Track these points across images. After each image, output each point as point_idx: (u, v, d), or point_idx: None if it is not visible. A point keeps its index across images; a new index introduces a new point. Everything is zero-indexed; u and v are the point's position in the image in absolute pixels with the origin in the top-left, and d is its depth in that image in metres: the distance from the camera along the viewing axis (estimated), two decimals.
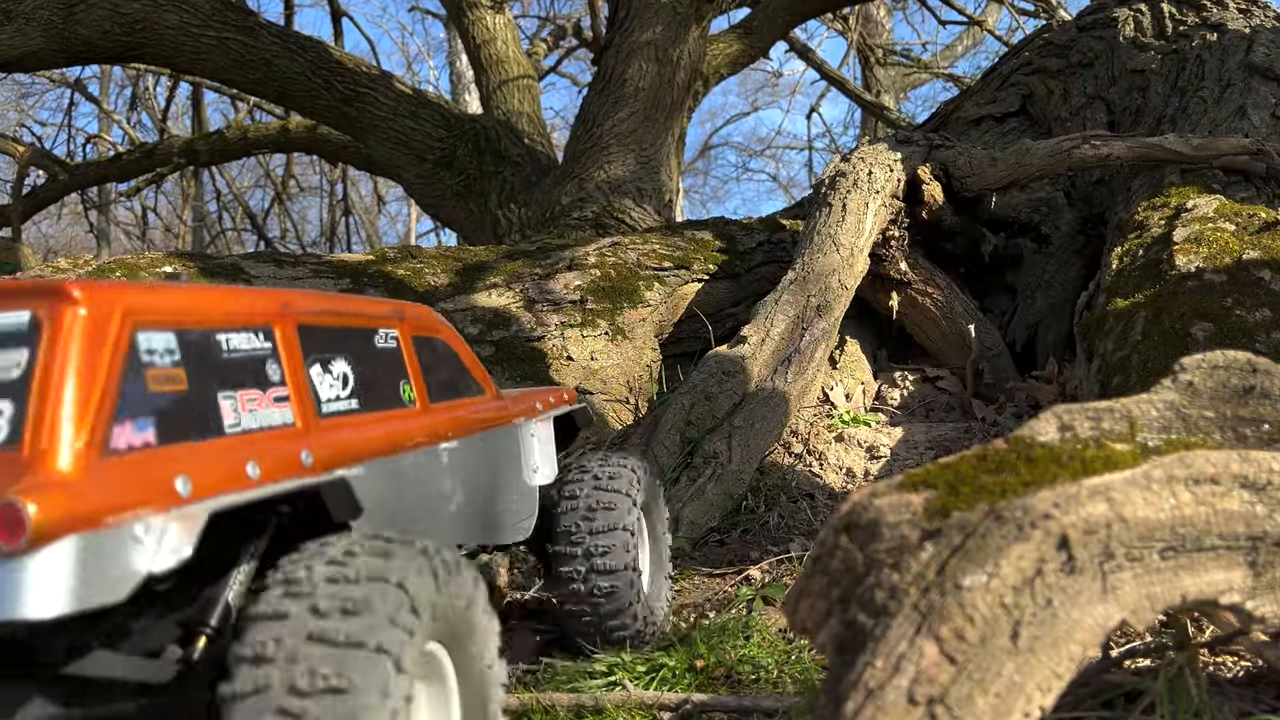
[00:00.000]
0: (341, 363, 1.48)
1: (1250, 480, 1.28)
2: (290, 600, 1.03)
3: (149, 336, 1.11)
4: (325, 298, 1.58)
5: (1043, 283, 3.70)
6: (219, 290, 1.31)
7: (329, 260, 3.31)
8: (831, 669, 1.13)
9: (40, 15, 4.43)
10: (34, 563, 0.89)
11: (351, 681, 0.98)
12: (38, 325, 1.01)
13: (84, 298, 1.03)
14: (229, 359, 1.24)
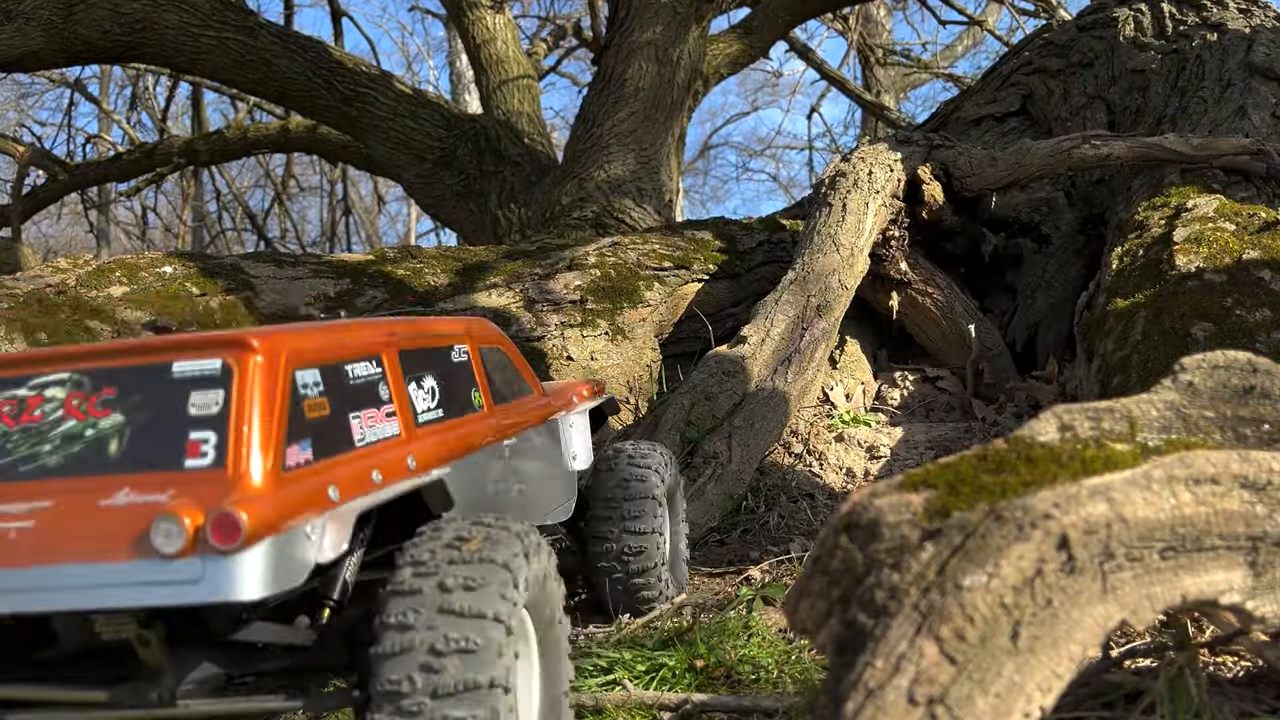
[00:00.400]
0: (430, 378, 1.69)
1: (1250, 480, 1.28)
2: (421, 579, 1.26)
3: (303, 374, 1.34)
4: (415, 323, 1.77)
5: (1043, 283, 3.69)
6: (342, 328, 1.53)
7: (329, 260, 3.30)
8: (831, 669, 1.13)
9: (40, 15, 4.42)
10: (245, 558, 1.13)
11: (475, 643, 1.22)
12: (229, 371, 1.24)
13: (260, 347, 1.26)
14: (353, 385, 1.47)
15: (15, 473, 1.24)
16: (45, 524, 1.17)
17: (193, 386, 1.24)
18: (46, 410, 1.26)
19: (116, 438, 1.23)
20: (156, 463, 1.21)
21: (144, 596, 1.13)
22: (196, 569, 1.12)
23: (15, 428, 1.26)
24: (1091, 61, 4.07)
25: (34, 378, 1.29)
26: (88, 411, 1.25)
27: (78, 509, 1.18)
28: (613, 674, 1.88)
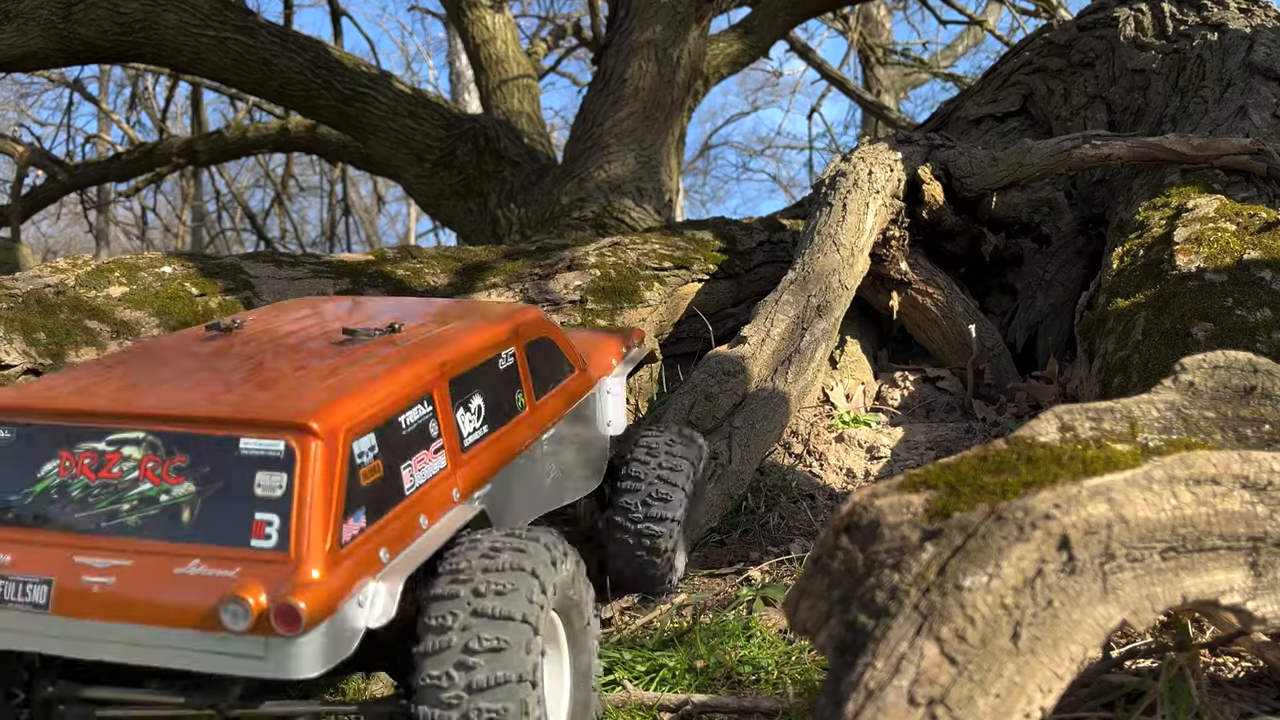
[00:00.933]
0: (477, 396, 1.72)
1: (1251, 481, 1.28)
2: (457, 585, 1.38)
3: (359, 443, 1.38)
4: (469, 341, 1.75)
5: (1043, 283, 3.69)
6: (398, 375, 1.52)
7: (329, 260, 3.30)
8: (832, 670, 1.13)
9: (39, 15, 4.42)
10: (304, 642, 1.23)
11: (506, 642, 1.33)
12: (292, 454, 1.29)
13: (321, 430, 1.31)
14: (405, 434, 1.50)
15: (98, 527, 1.32)
16: (125, 582, 1.27)
17: (258, 466, 1.30)
18: (124, 469, 1.33)
19: (189, 508, 1.31)
20: (225, 538, 1.29)
21: (214, 664, 1.25)
22: (260, 647, 1.23)
23: (96, 481, 1.33)
24: (1092, 61, 4.07)
25: (112, 432, 1.35)
26: (162, 476, 1.32)
27: (154, 573, 1.27)
28: (612, 674, 1.88)
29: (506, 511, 1.77)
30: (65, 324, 2.36)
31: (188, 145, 7.38)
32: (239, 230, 12.67)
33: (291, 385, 1.43)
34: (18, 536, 1.33)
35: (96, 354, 2.36)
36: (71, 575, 1.28)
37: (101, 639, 1.27)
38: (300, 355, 1.58)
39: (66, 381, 1.49)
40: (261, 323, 1.82)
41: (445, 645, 1.33)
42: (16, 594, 1.28)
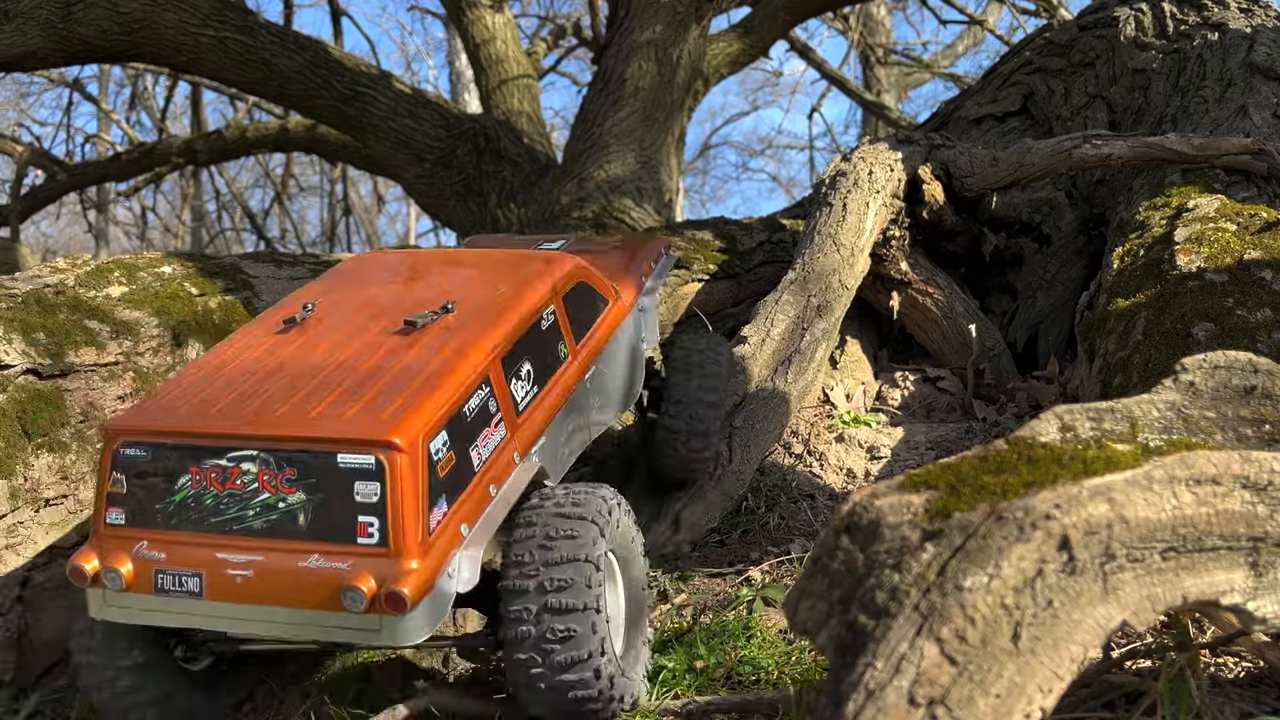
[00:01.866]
0: (526, 363, 1.88)
1: (1251, 481, 1.28)
2: (532, 537, 1.64)
3: (434, 443, 1.58)
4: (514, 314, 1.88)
5: (1044, 283, 3.69)
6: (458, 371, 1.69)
7: (329, 260, 3.30)
8: (832, 670, 1.13)
9: (39, 15, 4.42)
10: (409, 619, 1.50)
11: (572, 578, 1.60)
12: (382, 467, 1.52)
13: (403, 443, 1.52)
14: (470, 420, 1.69)
15: (231, 529, 1.56)
16: (260, 574, 1.54)
17: (356, 476, 1.52)
18: (245, 481, 1.56)
19: (302, 512, 1.54)
20: (336, 536, 1.53)
21: (339, 636, 1.56)
22: (375, 623, 1.52)
23: (224, 492, 1.56)
24: (1092, 61, 4.07)
25: (230, 450, 1.56)
26: (277, 487, 1.55)
27: (283, 566, 1.53)
28: None
29: (560, 451, 1.99)
30: (65, 324, 2.36)
31: (187, 145, 7.38)
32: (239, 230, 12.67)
33: (371, 395, 1.62)
34: (168, 538, 1.58)
35: (96, 354, 2.36)
36: (217, 569, 1.55)
37: (247, 618, 1.57)
38: (370, 353, 1.74)
39: (180, 397, 1.67)
40: (328, 306, 1.95)
41: (525, 586, 1.60)
42: (175, 584, 1.56)
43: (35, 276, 2.56)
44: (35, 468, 2.12)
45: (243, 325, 1.96)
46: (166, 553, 1.57)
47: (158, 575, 1.57)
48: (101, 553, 1.59)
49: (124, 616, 1.61)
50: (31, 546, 2.08)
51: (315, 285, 2.07)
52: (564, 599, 1.59)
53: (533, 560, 1.61)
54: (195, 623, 1.60)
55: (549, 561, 1.61)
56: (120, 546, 1.58)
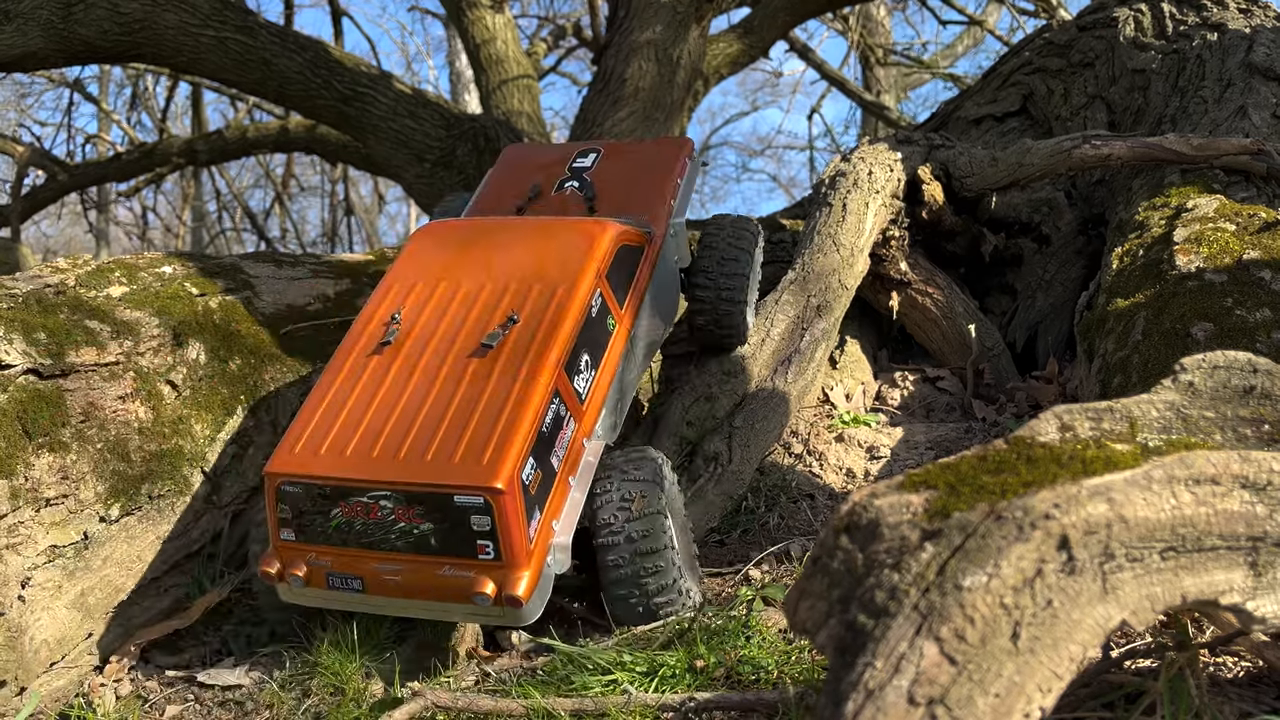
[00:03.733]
0: (583, 354, 2.14)
1: (1251, 481, 1.28)
2: (612, 489, 2.08)
3: (524, 471, 1.90)
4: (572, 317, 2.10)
5: (1043, 283, 3.69)
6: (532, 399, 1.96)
7: (329, 260, 3.31)
8: (831, 670, 1.13)
9: (39, 15, 4.42)
10: (525, 608, 1.89)
11: (650, 529, 2.05)
12: (489, 504, 1.84)
13: (504, 485, 1.84)
14: (547, 433, 1.99)
15: (379, 546, 1.92)
16: (408, 579, 1.92)
17: (469, 510, 1.86)
18: (383, 514, 1.90)
19: (434, 536, 1.89)
20: (460, 553, 1.89)
21: (480, 618, 1.96)
22: (500, 612, 1.91)
23: (370, 520, 1.91)
24: (1092, 61, 4.07)
25: (368, 492, 1.90)
26: (409, 519, 1.89)
27: (424, 574, 1.91)
28: (612, 675, 1.88)
29: (618, 405, 2.30)
30: (65, 324, 2.36)
31: (188, 145, 7.38)
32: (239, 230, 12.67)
33: (471, 435, 1.92)
34: (331, 551, 1.95)
35: (97, 354, 2.36)
36: (374, 575, 1.93)
37: (403, 608, 1.97)
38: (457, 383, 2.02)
39: (318, 437, 1.97)
40: (411, 313, 2.18)
41: (616, 542, 2.05)
42: (343, 584, 1.96)
43: (36, 276, 2.56)
44: (36, 468, 2.13)
45: (348, 335, 2.18)
46: (332, 561, 1.96)
47: (329, 577, 1.97)
48: (282, 561, 1.98)
49: (307, 602, 2.04)
50: (32, 546, 2.08)
51: (394, 282, 2.27)
52: (648, 544, 2.04)
53: (617, 520, 2.05)
54: (363, 609, 2.02)
55: (630, 519, 2.05)
56: (296, 556, 1.98)
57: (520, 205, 2.59)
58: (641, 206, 2.51)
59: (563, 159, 2.74)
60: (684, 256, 2.62)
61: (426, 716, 1.78)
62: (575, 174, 2.65)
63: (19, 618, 2.03)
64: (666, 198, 2.57)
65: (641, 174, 2.64)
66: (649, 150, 2.77)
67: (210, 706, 2.08)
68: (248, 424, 2.58)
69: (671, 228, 2.55)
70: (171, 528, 2.36)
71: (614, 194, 2.54)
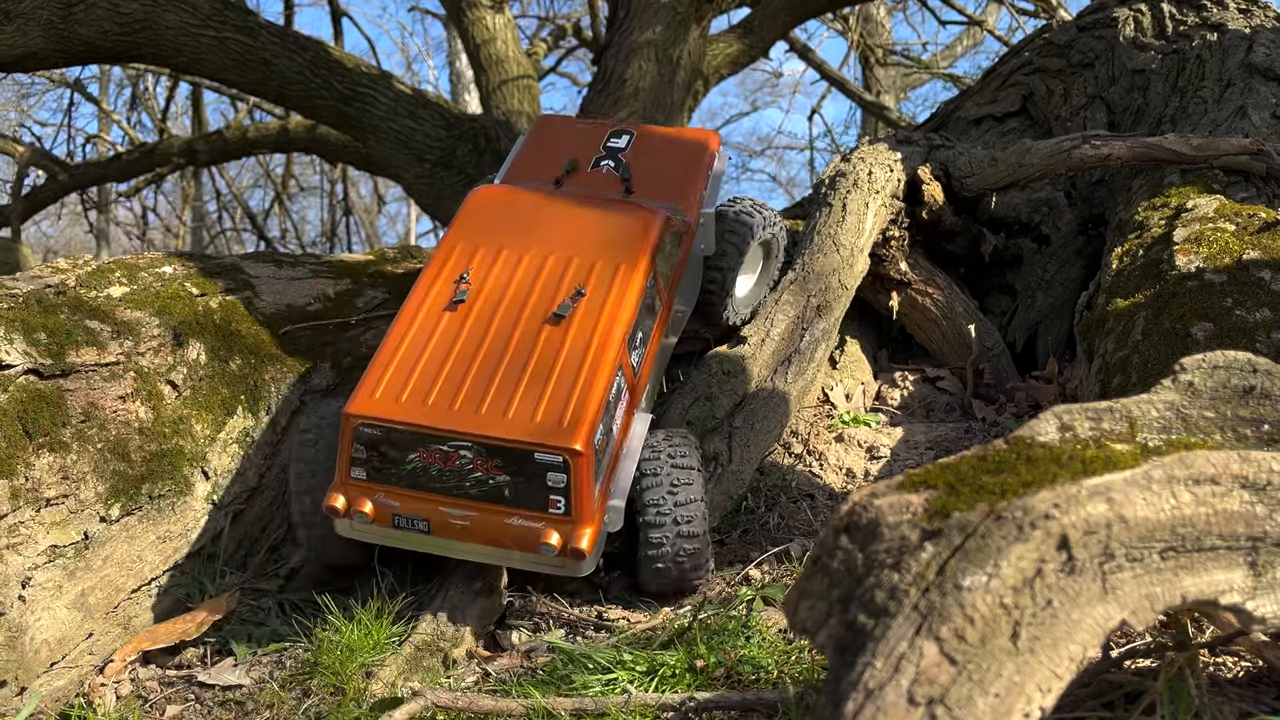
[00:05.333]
0: (638, 331, 2.28)
1: (1250, 481, 1.28)
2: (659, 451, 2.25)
3: (596, 436, 2.03)
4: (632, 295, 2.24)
5: (1043, 283, 3.69)
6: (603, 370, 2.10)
7: (329, 260, 3.31)
8: (831, 669, 1.13)
9: (39, 15, 4.42)
10: (587, 561, 2.05)
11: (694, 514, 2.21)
12: (567, 464, 1.97)
13: (582, 447, 1.97)
14: (612, 403, 2.12)
15: (451, 492, 2.04)
16: (476, 525, 2.05)
17: (547, 468, 1.99)
18: (462, 463, 2.01)
19: (507, 488, 2.01)
20: (532, 505, 2.01)
21: (536, 566, 2.10)
22: (562, 563, 2.05)
23: (447, 468, 2.02)
24: (1091, 61, 4.07)
25: (449, 441, 2.00)
26: (487, 469, 2.01)
27: (493, 522, 2.04)
28: (613, 674, 1.88)
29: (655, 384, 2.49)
30: (66, 324, 2.36)
31: (188, 145, 7.37)
32: (239, 230, 12.67)
33: (550, 397, 2.04)
34: (401, 493, 2.06)
35: (97, 354, 2.36)
36: (442, 518, 2.05)
37: (465, 552, 2.10)
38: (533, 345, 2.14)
39: (397, 383, 2.07)
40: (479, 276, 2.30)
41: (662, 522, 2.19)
42: (409, 525, 2.07)
43: (36, 276, 2.56)
44: (36, 468, 2.13)
45: (414, 292, 2.27)
46: (400, 503, 2.06)
47: (395, 517, 2.08)
48: (347, 497, 2.08)
49: (367, 538, 2.15)
50: (32, 546, 2.08)
51: (456, 243, 2.38)
52: (690, 529, 2.19)
53: (665, 503, 2.19)
54: (424, 548, 2.12)
55: (678, 503, 2.19)
56: (363, 494, 2.07)
57: (558, 178, 2.65)
58: (676, 195, 2.60)
59: (597, 136, 2.82)
60: (709, 245, 2.72)
61: (426, 716, 1.78)
62: (611, 154, 2.73)
63: (19, 618, 2.03)
64: (699, 188, 2.69)
65: (675, 163, 2.74)
66: (680, 139, 2.86)
67: (210, 706, 2.08)
68: (248, 424, 2.58)
69: (701, 218, 2.66)
70: (171, 528, 2.36)
71: (649, 179, 2.63)
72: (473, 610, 2.21)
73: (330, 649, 2.08)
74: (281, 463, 2.63)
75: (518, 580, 2.43)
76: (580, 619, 2.24)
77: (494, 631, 2.26)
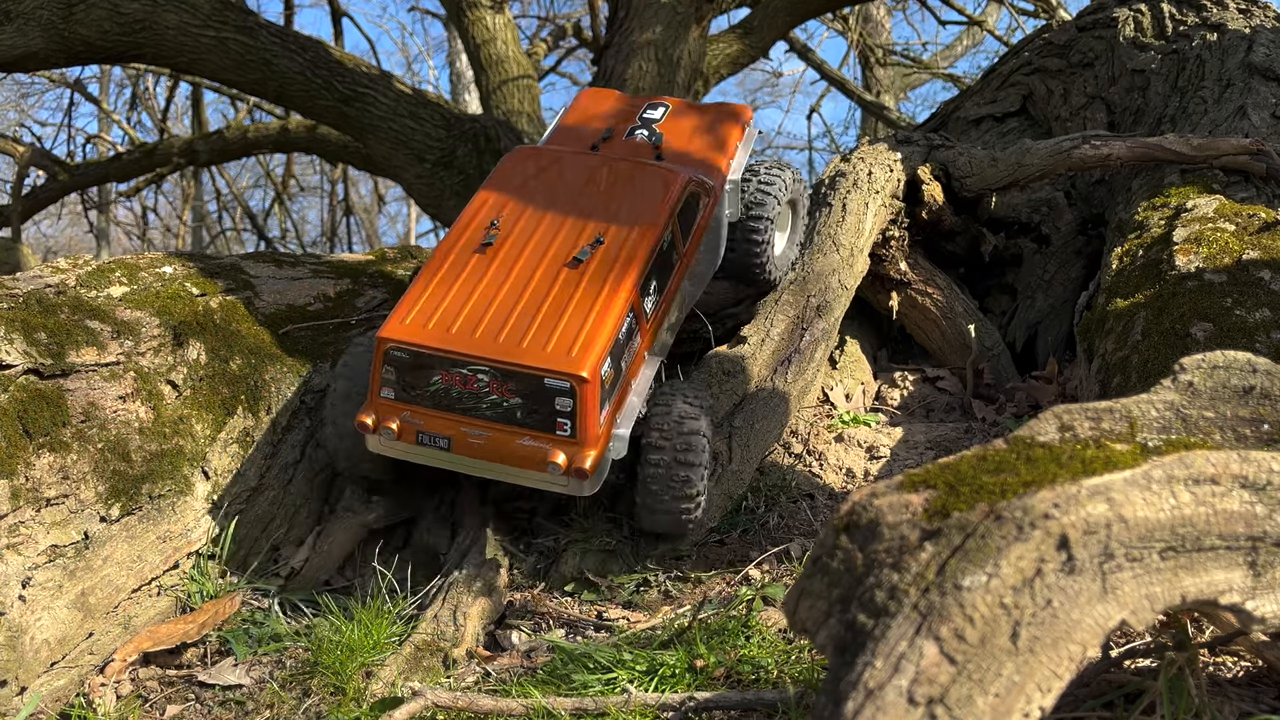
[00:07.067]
0: (653, 279, 2.42)
1: (1250, 481, 1.28)
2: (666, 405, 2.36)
3: (604, 368, 2.19)
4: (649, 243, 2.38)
5: (1043, 283, 3.69)
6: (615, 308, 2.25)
7: (329, 260, 3.31)
8: (831, 669, 1.13)
9: (40, 15, 4.42)
10: (589, 481, 2.20)
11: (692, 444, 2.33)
12: (574, 389, 2.14)
13: (589, 375, 2.14)
14: (622, 341, 2.28)
15: (469, 413, 2.21)
16: (491, 443, 2.21)
17: (556, 393, 2.15)
18: (479, 385, 2.18)
19: (519, 410, 2.18)
20: (541, 427, 2.18)
21: (543, 485, 2.25)
22: (566, 481, 2.20)
23: (465, 390, 2.20)
24: (1091, 62, 4.07)
25: (469, 365, 2.18)
26: (502, 393, 2.18)
27: (506, 441, 2.21)
28: (613, 673, 1.88)
29: (670, 330, 2.59)
30: (66, 324, 2.36)
31: (188, 145, 7.37)
32: (239, 230, 12.67)
33: (563, 330, 2.20)
34: (425, 413, 2.24)
35: (97, 354, 2.36)
36: (461, 437, 2.22)
37: (481, 469, 2.26)
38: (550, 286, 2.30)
39: (426, 312, 2.25)
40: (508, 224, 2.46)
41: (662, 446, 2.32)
42: (431, 441, 2.24)
43: (36, 276, 2.56)
44: (36, 467, 2.13)
45: (448, 235, 2.47)
46: (424, 421, 2.24)
47: (419, 434, 2.25)
48: (377, 415, 2.26)
49: (394, 454, 2.31)
50: (32, 546, 2.08)
51: (490, 194, 2.55)
52: (688, 457, 2.31)
53: (668, 429, 2.32)
54: (444, 465, 2.30)
55: (680, 433, 2.32)
56: (391, 412, 2.25)
57: (595, 145, 2.81)
58: (704, 162, 2.73)
59: (633, 109, 2.98)
60: (736, 211, 2.81)
61: (426, 716, 1.78)
62: (645, 124, 2.88)
63: (19, 617, 2.03)
64: (727, 157, 2.82)
65: (705, 133, 2.88)
66: (712, 113, 3.00)
67: (211, 706, 2.08)
68: (248, 424, 2.58)
69: (728, 184, 2.77)
70: (171, 528, 2.36)
71: (680, 147, 2.76)
72: (473, 610, 2.22)
73: (330, 649, 2.08)
74: (282, 462, 2.63)
75: (518, 580, 2.43)
76: (580, 619, 2.25)
77: (494, 631, 2.26)
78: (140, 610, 2.30)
